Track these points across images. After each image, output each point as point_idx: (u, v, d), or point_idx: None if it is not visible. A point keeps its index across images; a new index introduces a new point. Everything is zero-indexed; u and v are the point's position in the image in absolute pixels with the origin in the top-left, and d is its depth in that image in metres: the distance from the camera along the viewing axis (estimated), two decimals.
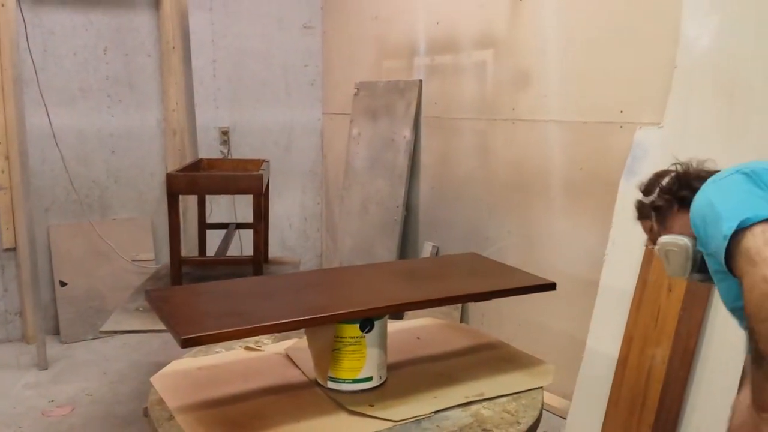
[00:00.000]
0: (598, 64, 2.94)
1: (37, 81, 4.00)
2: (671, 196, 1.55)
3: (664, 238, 1.55)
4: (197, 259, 3.46)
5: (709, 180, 1.40)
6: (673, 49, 2.56)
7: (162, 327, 1.57)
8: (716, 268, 1.33)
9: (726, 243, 1.22)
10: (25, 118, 3.79)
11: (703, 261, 1.44)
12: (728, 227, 1.22)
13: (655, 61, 2.68)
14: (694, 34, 2.52)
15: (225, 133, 4.75)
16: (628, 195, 2.67)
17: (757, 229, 1.19)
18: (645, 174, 1.67)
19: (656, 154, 2.59)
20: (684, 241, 1.49)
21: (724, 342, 2.25)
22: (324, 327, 1.59)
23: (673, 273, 1.54)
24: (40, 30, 4.09)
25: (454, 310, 3.67)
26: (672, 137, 2.57)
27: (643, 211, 1.64)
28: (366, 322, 1.62)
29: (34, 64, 3.98)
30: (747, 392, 1.28)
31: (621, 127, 2.82)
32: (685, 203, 1.48)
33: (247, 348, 1.93)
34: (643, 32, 2.74)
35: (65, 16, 4.16)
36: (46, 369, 3.77)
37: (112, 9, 4.28)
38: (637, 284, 2.57)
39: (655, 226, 1.59)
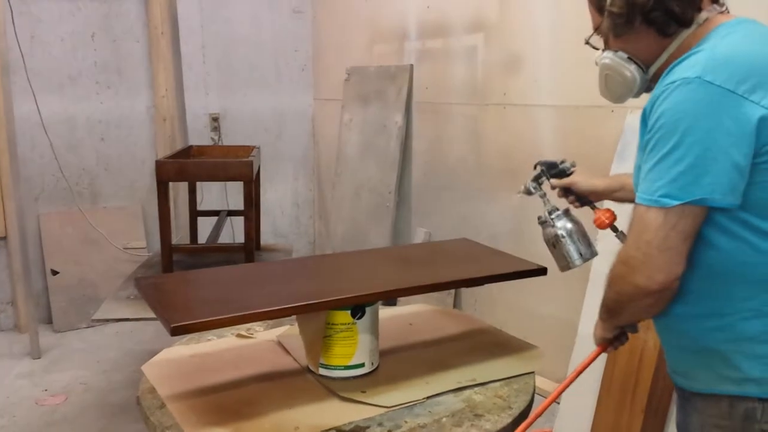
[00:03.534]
0: (589, 48, 2.92)
1: (25, 68, 3.96)
2: (632, 7, 1.25)
3: (607, 57, 1.35)
4: (188, 247, 3.45)
5: (696, 75, 1.12)
6: None
7: (154, 315, 1.57)
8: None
9: (647, 202, 1.15)
10: (13, 105, 3.75)
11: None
12: (666, 194, 1.13)
13: None
14: None
15: (215, 119, 4.72)
16: None
17: (673, 212, 1.12)
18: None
19: None
20: (632, 72, 1.31)
21: None
22: (315, 314, 1.59)
23: (605, 96, 1.42)
24: (27, 17, 4.04)
25: (447, 295, 3.68)
26: None
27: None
28: (357, 309, 1.61)
29: (21, 51, 3.93)
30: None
31: (612, 111, 2.81)
32: (651, 22, 1.25)
33: (239, 335, 1.93)
34: None
35: (52, 2, 4.11)
36: (39, 358, 3.76)
37: None
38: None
39: (605, 31, 1.33)
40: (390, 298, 1.70)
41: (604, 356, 2.59)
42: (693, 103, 1.11)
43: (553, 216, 1.59)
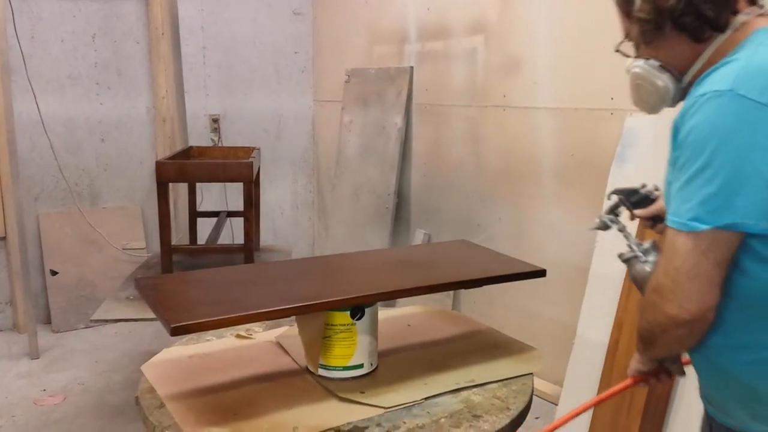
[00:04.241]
0: (588, 51, 2.93)
1: (25, 68, 3.97)
2: (660, 13, 1.17)
3: (638, 66, 1.27)
4: (188, 248, 3.45)
5: (733, 88, 1.04)
6: None
7: (153, 315, 1.57)
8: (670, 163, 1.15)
9: (676, 225, 1.08)
10: (13, 105, 3.75)
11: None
12: (696, 217, 1.05)
13: None
14: None
15: (215, 120, 4.73)
16: (619, 182, 2.69)
17: (704, 237, 1.04)
18: (635, 162, 1.59)
19: (646, 141, 2.60)
20: (665, 82, 1.24)
21: None
22: (314, 314, 1.59)
23: (638, 106, 1.34)
24: (27, 16, 4.05)
25: (446, 297, 3.69)
26: (662, 124, 2.57)
27: (621, 3, 1.26)
28: (356, 310, 1.62)
29: (21, 51, 3.94)
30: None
31: (611, 113, 2.83)
32: (683, 27, 1.17)
33: (238, 336, 1.93)
34: None
35: (53, 2, 4.12)
36: (38, 358, 3.76)
37: None
38: (627, 271, 2.58)
39: (635, 38, 1.26)
40: (389, 299, 1.70)
41: (601, 359, 2.60)
42: (724, 118, 1.04)
43: (642, 250, 1.38)
